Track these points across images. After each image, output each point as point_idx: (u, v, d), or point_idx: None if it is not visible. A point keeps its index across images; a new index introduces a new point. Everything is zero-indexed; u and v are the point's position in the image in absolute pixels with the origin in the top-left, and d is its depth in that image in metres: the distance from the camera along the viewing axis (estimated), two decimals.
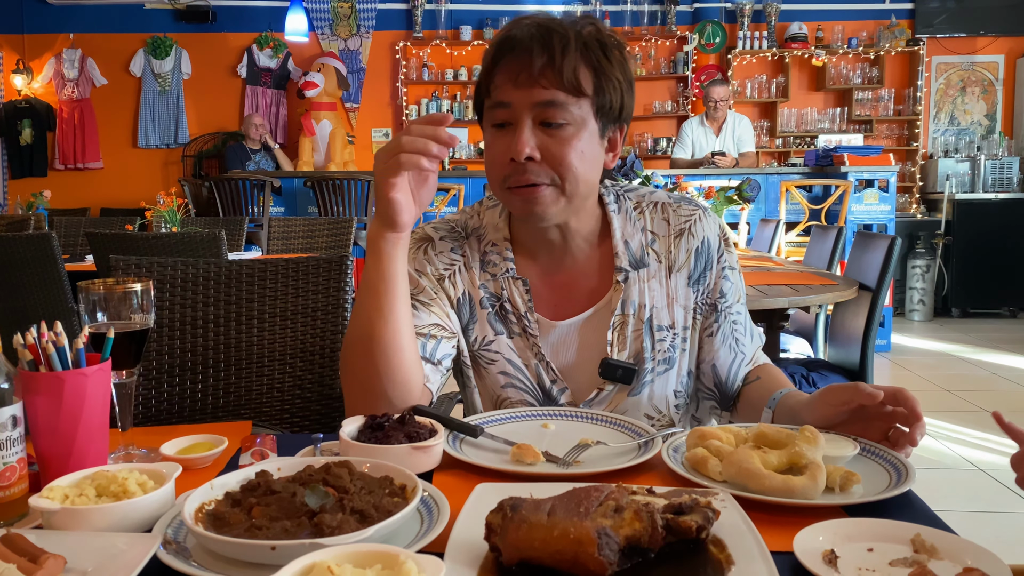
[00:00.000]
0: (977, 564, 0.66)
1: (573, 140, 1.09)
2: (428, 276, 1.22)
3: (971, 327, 6.40)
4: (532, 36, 1.07)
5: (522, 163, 1.08)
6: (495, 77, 1.11)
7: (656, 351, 1.20)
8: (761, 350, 1.30)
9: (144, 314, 1.02)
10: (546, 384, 1.20)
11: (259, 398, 1.56)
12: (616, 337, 1.19)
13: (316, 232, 4.08)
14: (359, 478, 0.76)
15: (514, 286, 1.21)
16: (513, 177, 1.11)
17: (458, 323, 1.23)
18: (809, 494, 0.80)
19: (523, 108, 1.08)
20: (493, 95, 1.11)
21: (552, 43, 1.06)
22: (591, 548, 0.63)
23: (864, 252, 2.81)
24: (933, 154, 7.53)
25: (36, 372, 0.85)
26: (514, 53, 1.08)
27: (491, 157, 1.13)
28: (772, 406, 1.11)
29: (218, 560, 0.68)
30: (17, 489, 0.81)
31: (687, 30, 7.58)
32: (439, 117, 1.01)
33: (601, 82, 1.10)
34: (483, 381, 1.24)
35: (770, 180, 5.74)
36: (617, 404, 1.20)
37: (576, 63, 1.07)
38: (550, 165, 1.09)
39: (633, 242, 1.22)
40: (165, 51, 7.67)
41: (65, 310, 3.26)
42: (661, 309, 1.21)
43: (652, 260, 1.22)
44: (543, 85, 1.07)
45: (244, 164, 6.77)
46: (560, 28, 1.08)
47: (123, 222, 4.27)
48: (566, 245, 1.21)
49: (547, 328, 1.21)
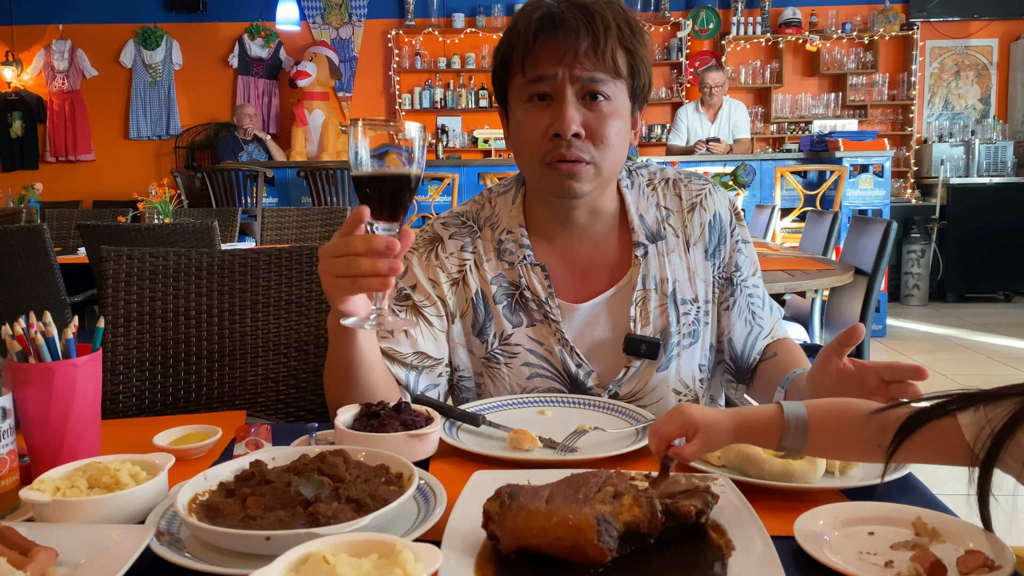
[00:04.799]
0: (979, 547, 0.65)
1: (612, 117, 1.10)
2: (440, 285, 1.21)
3: (966, 311, 6.41)
4: (576, 17, 1.07)
5: (568, 139, 1.08)
6: (536, 52, 1.09)
7: (681, 324, 1.20)
8: (782, 321, 1.29)
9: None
10: (572, 369, 1.18)
11: (254, 388, 1.55)
12: (639, 312, 1.18)
13: (310, 222, 4.06)
14: (355, 467, 0.76)
15: (532, 273, 1.19)
16: (555, 152, 1.09)
17: (459, 334, 1.22)
18: (809, 478, 0.80)
19: (567, 82, 1.08)
20: (531, 69, 1.09)
21: (596, 25, 1.07)
22: (590, 534, 0.63)
23: (860, 237, 2.81)
24: (928, 139, 7.52)
25: (25, 363, 0.84)
26: (558, 31, 1.07)
27: (527, 134, 1.11)
28: (785, 386, 1.11)
29: (212, 551, 0.67)
30: (8, 482, 0.80)
31: (681, 16, 7.55)
32: (362, 221, 0.89)
33: (635, 64, 1.12)
34: (505, 379, 1.21)
35: (765, 166, 5.72)
36: (646, 381, 1.19)
37: (616, 46, 1.08)
38: (591, 141, 1.09)
39: (648, 216, 1.22)
40: (156, 42, 7.61)
41: (57, 302, 3.25)
42: (683, 283, 1.21)
43: (670, 234, 1.22)
44: (586, 67, 1.07)
45: (236, 155, 6.73)
46: (600, 10, 1.08)
47: (115, 214, 4.25)
48: (589, 226, 1.20)
49: (569, 312, 1.20)
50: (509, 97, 1.16)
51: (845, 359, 0.96)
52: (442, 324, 1.21)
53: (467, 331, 1.22)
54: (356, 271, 0.88)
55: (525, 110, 1.12)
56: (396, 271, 0.88)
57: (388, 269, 0.88)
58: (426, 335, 1.20)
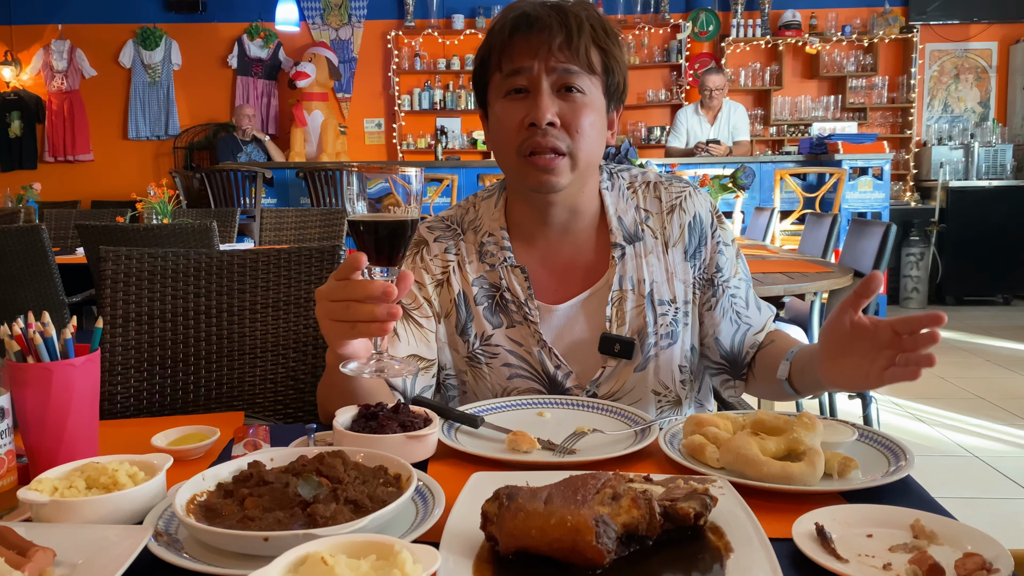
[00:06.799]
0: (977, 549, 0.65)
1: (587, 109, 1.12)
2: (425, 287, 1.23)
3: (965, 314, 6.42)
4: (550, 15, 1.11)
5: (542, 128, 1.10)
6: (512, 49, 1.12)
7: (659, 325, 1.20)
8: (773, 321, 1.29)
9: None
10: (550, 370, 1.19)
11: (252, 389, 1.54)
12: (615, 313, 1.19)
13: (308, 223, 4.06)
14: (353, 468, 0.76)
15: (512, 274, 1.21)
16: (530, 142, 1.11)
17: (445, 334, 1.24)
18: (807, 480, 0.80)
19: (543, 72, 1.11)
20: (507, 65, 1.12)
21: (569, 22, 1.11)
22: (589, 536, 0.63)
23: (859, 239, 2.81)
24: (927, 141, 7.53)
25: (24, 363, 0.84)
26: (532, 29, 1.11)
27: (504, 126, 1.14)
28: (789, 358, 1.12)
29: (210, 552, 0.67)
30: (6, 482, 0.80)
31: (681, 18, 7.56)
32: (358, 268, 0.88)
33: (609, 63, 1.15)
34: (487, 378, 1.22)
35: (764, 168, 5.73)
36: (624, 381, 1.20)
37: (588, 43, 1.11)
38: (567, 131, 1.11)
39: (627, 218, 1.23)
40: (155, 42, 7.61)
41: (56, 303, 3.24)
42: (661, 284, 1.21)
43: (648, 236, 1.23)
44: (560, 59, 1.10)
45: (235, 155, 6.73)
46: (574, 10, 1.12)
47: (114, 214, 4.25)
48: (569, 225, 1.22)
49: (547, 313, 1.21)
50: (489, 97, 1.18)
51: (860, 314, 0.94)
52: (431, 324, 1.23)
53: (451, 331, 1.24)
54: (354, 316, 0.87)
55: (503, 104, 1.14)
56: (395, 317, 0.87)
57: (386, 315, 0.87)
58: (418, 338, 1.22)
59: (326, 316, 0.90)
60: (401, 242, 0.88)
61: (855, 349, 0.92)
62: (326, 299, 0.90)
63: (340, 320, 0.89)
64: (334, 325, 0.90)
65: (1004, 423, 3.65)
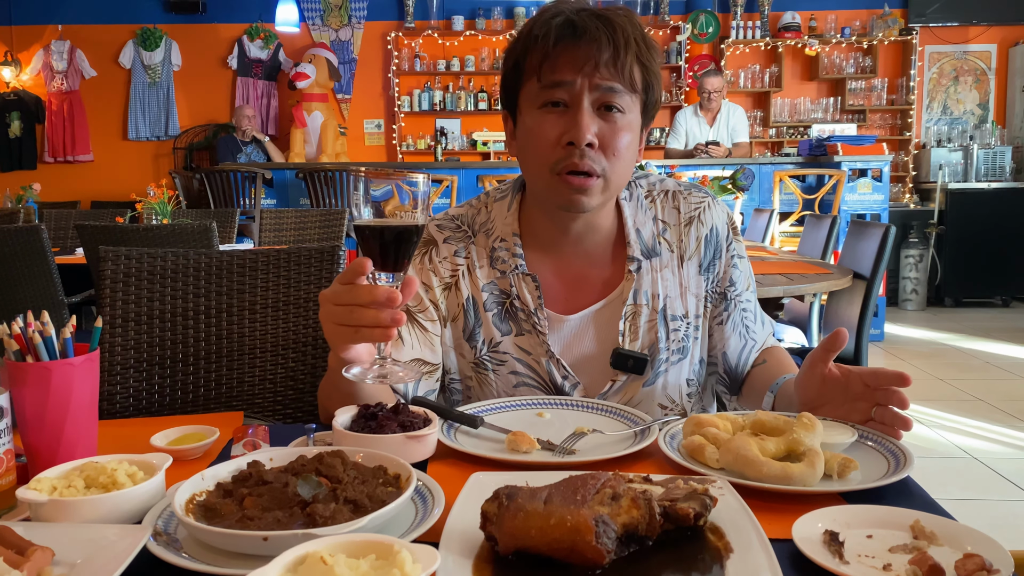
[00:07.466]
0: (977, 550, 0.65)
1: (626, 130, 1.09)
2: (432, 290, 1.20)
3: (964, 316, 6.42)
4: (597, 27, 1.06)
5: (582, 148, 1.06)
6: (555, 59, 1.07)
7: (671, 341, 1.19)
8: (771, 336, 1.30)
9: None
10: (557, 380, 1.18)
11: (251, 389, 1.54)
12: (628, 327, 1.18)
13: (308, 224, 4.06)
14: (352, 468, 0.75)
15: (523, 282, 1.19)
16: (567, 161, 1.07)
17: (451, 338, 1.22)
18: (807, 481, 0.80)
19: (585, 90, 1.06)
20: (548, 75, 1.07)
21: (617, 37, 1.06)
22: (588, 536, 0.62)
23: (858, 241, 2.81)
24: (926, 143, 7.54)
25: (23, 362, 0.84)
26: (579, 40, 1.06)
27: (539, 139, 1.09)
28: (774, 391, 1.11)
29: (209, 551, 0.67)
30: (5, 481, 0.80)
31: (680, 20, 7.56)
32: (363, 273, 0.88)
33: (649, 79, 1.11)
34: (492, 384, 1.21)
35: (763, 170, 5.73)
36: (631, 396, 1.19)
37: (633, 60, 1.08)
38: (603, 153, 1.08)
39: (645, 231, 1.21)
40: (155, 42, 7.61)
41: (55, 303, 3.24)
42: (675, 299, 1.20)
43: (664, 250, 1.21)
44: (605, 77, 1.06)
45: (235, 156, 6.73)
46: (621, 22, 1.07)
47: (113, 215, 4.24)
48: (585, 237, 1.19)
49: (557, 323, 1.19)
50: (520, 102, 1.14)
51: (831, 364, 0.97)
52: (436, 328, 1.21)
53: (458, 336, 1.22)
54: (358, 321, 0.87)
55: (537, 116, 1.10)
56: (399, 323, 0.87)
57: (391, 320, 0.86)
58: (422, 341, 1.20)
59: (330, 320, 0.90)
60: (407, 248, 0.88)
61: (830, 399, 0.98)
62: (330, 303, 0.89)
63: (344, 324, 0.88)
64: (338, 329, 0.90)
65: (1003, 425, 3.66)
